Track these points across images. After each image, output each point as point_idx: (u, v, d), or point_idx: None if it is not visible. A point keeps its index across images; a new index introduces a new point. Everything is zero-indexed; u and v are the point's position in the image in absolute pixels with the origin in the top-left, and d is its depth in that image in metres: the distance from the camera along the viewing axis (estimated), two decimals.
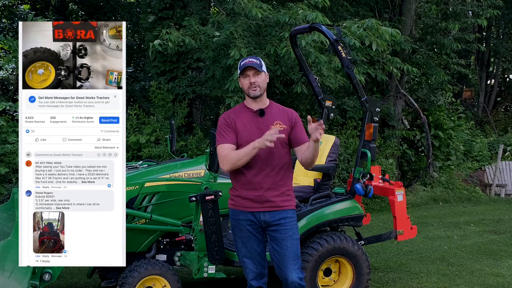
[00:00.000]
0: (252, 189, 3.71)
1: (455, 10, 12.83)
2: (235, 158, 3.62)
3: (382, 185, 5.67)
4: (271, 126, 3.67)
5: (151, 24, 10.68)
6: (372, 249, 7.27)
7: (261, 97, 3.77)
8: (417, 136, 13.32)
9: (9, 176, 8.38)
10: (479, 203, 12.50)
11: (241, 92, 8.52)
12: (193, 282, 5.72)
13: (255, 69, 3.69)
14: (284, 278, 3.77)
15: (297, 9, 7.96)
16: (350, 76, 5.19)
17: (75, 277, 5.89)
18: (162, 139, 9.56)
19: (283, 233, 3.74)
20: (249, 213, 3.75)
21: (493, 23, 20.71)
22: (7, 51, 10.38)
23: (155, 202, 4.82)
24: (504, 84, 24.93)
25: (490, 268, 6.58)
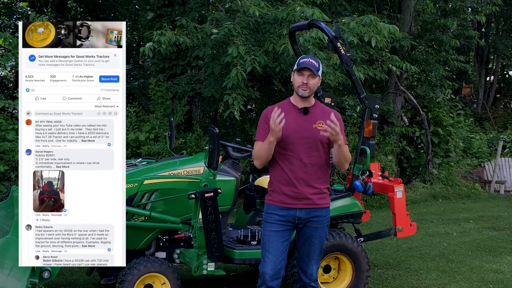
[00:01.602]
0: (291, 185, 3.75)
1: (454, 6, 12.82)
2: (257, 154, 3.73)
3: (381, 182, 5.67)
4: (313, 125, 3.76)
5: (150, 22, 10.67)
6: (372, 246, 7.28)
7: (309, 97, 3.82)
8: (416, 133, 13.32)
9: (8, 173, 8.37)
10: (478, 199, 12.51)
11: (239, 89, 8.52)
12: (193, 279, 5.72)
13: (311, 71, 3.73)
14: (305, 270, 3.90)
15: (295, 5, 7.95)
16: (349, 73, 5.19)
17: (75, 274, 5.89)
18: (162, 136, 9.55)
19: (314, 231, 3.83)
20: (285, 209, 3.78)
21: (492, 20, 20.70)
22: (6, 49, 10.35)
23: (154, 200, 4.82)
24: (504, 81, 24.94)
25: (489, 264, 6.59)
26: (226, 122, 11.99)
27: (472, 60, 21.48)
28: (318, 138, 3.75)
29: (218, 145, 4.41)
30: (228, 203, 5.02)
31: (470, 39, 13.06)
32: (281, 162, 3.77)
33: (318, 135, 3.75)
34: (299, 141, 3.71)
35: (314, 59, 3.80)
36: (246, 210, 5.54)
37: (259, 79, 10.60)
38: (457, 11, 12.82)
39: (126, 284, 4.41)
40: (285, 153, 3.74)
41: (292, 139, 3.70)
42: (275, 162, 3.80)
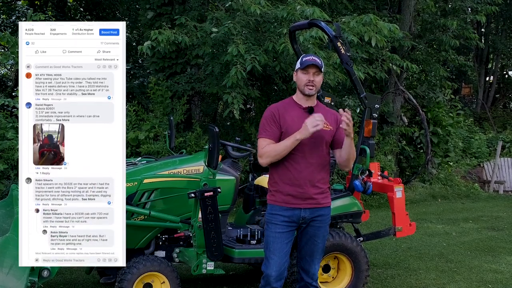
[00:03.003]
0: (296, 185, 3.75)
1: (454, 6, 12.82)
2: (273, 152, 3.69)
3: (381, 181, 5.68)
4: None
5: (150, 21, 10.66)
6: (371, 245, 7.28)
7: (313, 96, 3.82)
8: (416, 132, 13.33)
9: (8, 172, 8.36)
10: (477, 199, 12.51)
11: (239, 88, 8.51)
12: (192, 278, 5.72)
13: (317, 68, 3.73)
14: (307, 269, 3.92)
15: (295, 4, 7.95)
16: (349, 73, 5.18)
17: (74, 273, 5.89)
18: (161, 135, 9.55)
19: (317, 230, 3.85)
20: (289, 209, 3.78)
21: (492, 20, 20.70)
22: (5, 47, 10.34)
23: (154, 199, 4.82)
24: (503, 81, 24.94)
25: (488, 264, 6.59)
26: (226, 121, 12.00)
27: (471, 60, 21.48)
28: (323, 138, 3.76)
29: (217, 144, 4.41)
30: (227, 202, 5.02)
31: (470, 40, 13.05)
32: (286, 161, 3.75)
33: (323, 135, 3.76)
34: (304, 140, 3.69)
35: (316, 57, 3.81)
36: (246, 210, 5.54)
37: (259, 78, 10.60)
38: (457, 11, 12.83)
39: (126, 283, 4.40)
40: (291, 152, 3.72)
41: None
42: (279, 161, 3.78)
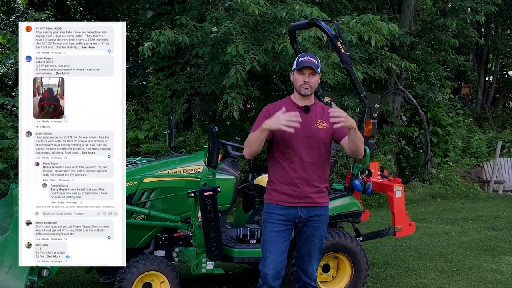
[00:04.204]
0: (292, 184, 3.76)
1: (453, 6, 12.82)
2: (248, 142, 3.68)
3: (380, 181, 5.67)
4: (314, 124, 3.76)
5: (150, 20, 10.66)
6: (371, 245, 7.28)
7: (310, 96, 3.83)
8: (415, 132, 13.33)
9: (7, 171, 8.36)
10: (477, 199, 12.52)
11: (239, 88, 8.51)
12: (192, 278, 5.72)
13: (312, 69, 3.74)
14: (305, 269, 3.91)
15: (294, 4, 7.95)
16: (349, 72, 5.17)
17: (73, 272, 5.89)
18: (161, 135, 9.55)
19: (314, 230, 3.84)
20: (285, 208, 3.78)
21: (491, 20, 20.70)
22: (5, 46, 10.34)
23: (154, 198, 4.82)
24: (503, 81, 24.95)
25: (488, 264, 6.60)
26: (226, 121, 11.99)
27: (471, 60, 21.49)
28: (319, 137, 3.76)
29: (217, 143, 4.41)
30: (227, 202, 5.02)
31: (470, 38, 13.06)
32: (282, 161, 3.76)
33: (319, 134, 3.76)
34: (300, 140, 3.70)
35: (312, 57, 3.81)
36: (245, 209, 5.54)
37: (258, 78, 10.60)
38: (457, 11, 12.83)
39: (125, 283, 4.40)
40: (286, 152, 3.74)
41: (294, 138, 3.69)
42: (275, 161, 3.80)
